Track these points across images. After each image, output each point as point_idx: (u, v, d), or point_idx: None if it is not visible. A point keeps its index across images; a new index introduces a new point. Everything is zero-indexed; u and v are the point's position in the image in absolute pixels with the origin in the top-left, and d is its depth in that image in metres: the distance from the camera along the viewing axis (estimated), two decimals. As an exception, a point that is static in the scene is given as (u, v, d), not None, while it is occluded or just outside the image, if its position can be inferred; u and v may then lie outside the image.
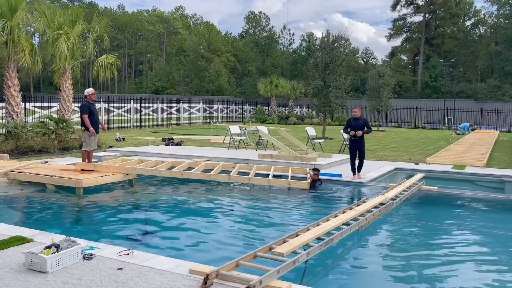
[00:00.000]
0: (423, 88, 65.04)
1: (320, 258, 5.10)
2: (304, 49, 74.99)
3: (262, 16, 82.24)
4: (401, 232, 6.66)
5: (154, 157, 12.90)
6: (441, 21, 68.97)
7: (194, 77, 72.97)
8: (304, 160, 11.77)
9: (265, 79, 46.36)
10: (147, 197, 8.62)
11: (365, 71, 65.03)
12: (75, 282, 3.77)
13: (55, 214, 7.21)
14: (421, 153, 16.10)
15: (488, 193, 9.65)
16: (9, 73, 15.66)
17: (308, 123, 38.61)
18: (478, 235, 6.60)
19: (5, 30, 14.96)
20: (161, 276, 3.93)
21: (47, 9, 17.11)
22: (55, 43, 16.57)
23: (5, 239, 4.91)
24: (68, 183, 8.41)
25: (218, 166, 10.12)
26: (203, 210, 7.60)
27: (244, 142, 16.47)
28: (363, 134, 9.96)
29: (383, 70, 32.67)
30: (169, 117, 32.78)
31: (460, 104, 45.56)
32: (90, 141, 9.84)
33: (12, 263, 4.18)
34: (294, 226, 6.37)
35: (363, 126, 9.98)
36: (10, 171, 9.15)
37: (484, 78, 66.06)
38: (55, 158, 12.53)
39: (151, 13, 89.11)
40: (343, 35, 21.78)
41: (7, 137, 14.19)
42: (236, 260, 4.20)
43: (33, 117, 20.62)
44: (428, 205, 8.61)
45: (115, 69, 19.14)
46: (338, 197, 8.96)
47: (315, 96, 21.63)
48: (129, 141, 18.99)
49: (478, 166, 12.24)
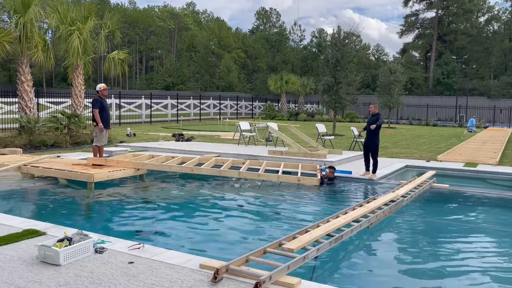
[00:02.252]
0: (435, 85, 64.35)
1: (329, 254, 5.10)
2: (314, 46, 74.64)
3: (273, 12, 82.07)
4: (411, 229, 6.62)
5: (164, 152, 12.97)
6: (454, 17, 68.12)
7: (204, 73, 73.06)
8: (314, 157, 11.74)
9: (275, 75, 46.23)
10: (158, 192, 8.68)
11: (376, 67, 64.46)
12: (87, 275, 3.82)
13: (67, 208, 7.30)
14: (432, 150, 15.97)
15: (501, 191, 9.55)
16: (22, 68, 15.84)
17: (318, 119, 38.48)
18: (490, 233, 6.53)
19: (18, 26, 15.13)
20: (171, 271, 3.96)
21: (59, 5, 17.24)
22: (68, 39, 16.71)
23: (19, 232, 4.98)
24: (80, 178, 8.49)
25: (228, 162, 10.14)
26: (213, 206, 7.63)
27: (254, 138, 16.47)
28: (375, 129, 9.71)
29: (394, 67, 32.42)
30: (179, 113, 32.89)
31: (472, 102, 45.00)
32: (101, 136, 9.89)
33: (25, 256, 4.24)
34: (304, 223, 6.37)
35: (376, 121, 9.80)
36: (23, 165, 9.27)
37: (497, 75, 65.11)
38: (67, 152, 12.67)
39: (162, 9, 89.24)
40: (354, 31, 21.64)
41: (20, 132, 14.37)
42: (246, 255, 4.21)
43: (45, 112, 20.84)
44: (439, 203, 8.54)
45: (126, 65, 19.24)
46: (348, 194, 8.94)
47: (326, 92, 21.53)
48: (140, 136, 19.12)
49: (491, 164, 12.10)
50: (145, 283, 3.68)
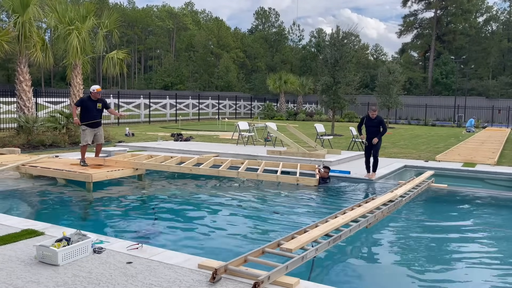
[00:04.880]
0: (433, 85, 64.43)
1: (328, 254, 5.10)
2: (313, 45, 74.65)
3: (272, 12, 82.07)
4: (409, 229, 6.63)
5: (163, 152, 12.97)
6: (453, 17, 68.23)
7: (203, 73, 73.03)
8: (312, 157, 11.75)
9: (274, 75, 46.18)
10: (156, 192, 8.67)
11: (375, 67, 64.54)
12: (85, 275, 3.82)
13: (65, 208, 7.29)
14: (430, 150, 15.99)
15: (499, 191, 9.56)
16: (21, 68, 15.81)
17: (317, 119, 38.50)
18: (488, 233, 6.54)
19: (17, 25, 15.10)
20: (170, 271, 3.96)
21: (58, 5, 17.21)
22: (67, 39, 16.68)
23: (17, 232, 4.97)
24: (78, 178, 8.48)
25: (226, 162, 10.14)
26: (212, 206, 7.63)
27: (252, 138, 16.47)
28: (379, 129, 9.60)
29: (393, 67, 32.44)
30: (178, 113, 32.87)
31: (471, 102, 45.05)
32: (84, 136, 9.52)
33: (23, 256, 4.24)
34: (302, 223, 6.37)
35: (378, 126, 9.60)
36: (22, 165, 9.25)
37: (496, 75, 65.21)
38: (65, 152, 12.65)
39: (160, 9, 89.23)
40: (353, 31, 21.65)
41: (18, 132, 14.34)
42: (244, 255, 4.21)
43: (44, 112, 20.82)
44: (438, 203, 8.56)
45: (125, 65, 19.22)
46: (347, 194, 8.94)
47: (324, 92, 21.53)
48: (139, 136, 19.10)
49: (489, 164, 12.12)
50: (143, 283, 3.68)
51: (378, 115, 9.81)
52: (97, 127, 9.70)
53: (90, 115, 9.52)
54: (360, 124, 10.12)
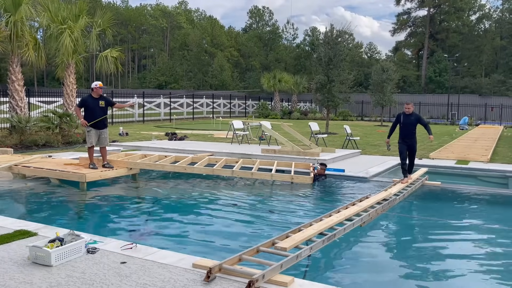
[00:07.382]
0: (427, 83, 64.73)
1: (322, 253, 5.11)
2: (307, 44, 74.72)
3: (266, 11, 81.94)
4: (404, 227, 6.66)
5: (157, 151, 12.92)
6: (446, 15, 68.56)
7: (197, 72, 72.88)
8: (307, 155, 11.76)
9: (269, 74, 46.21)
10: (150, 191, 8.65)
11: (369, 66, 64.70)
12: (79, 276, 3.80)
13: (59, 208, 7.24)
14: (424, 148, 16.05)
15: (492, 189, 9.62)
16: (13, 67, 15.68)
17: (311, 118, 38.55)
18: (482, 230, 6.58)
19: (9, 24, 14.97)
20: (164, 270, 3.95)
21: (50, 3, 17.08)
22: (59, 38, 16.57)
23: (10, 232, 4.93)
24: (72, 178, 8.44)
25: (221, 161, 10.13)
26: (206, 205, 7.61)
27: (247, 137, 16.46)
28: (415, 133, 9.17)
29: (387, 65, 32.53)
30: (172, 112, 32.77)
31: (464, 99, 45.29)
32: (89, 137, 9.13)
33: (16, 257, 4.21)
34: (297, 221, 6.38)
35: (415, 124, 9.10)
36: (15, 165, 9.19)
37: (489, 73, 65.66)
38: (59, 152, 12.57)
39: (154, 8, 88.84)
40: (347, 30, 21.68)
41: (11, 132, 14.24)
42: (239, 254, 4.21)
43: (37, 112, 20.66)
44: (432, 200, 8.60)
45: (119, 63, 19.13)
46: (341, 193, 8.96)
47: (319, 91, 21.55)
48: (133, 135, 19.03)
49: (482, 161, 12.19)
50: (137, 283, 3.67)
51: (414, 111, 9.21)
52: (102, 128, 9.23)
53: (93, 114, 9.05)
54: (395, 123, 9.39)
